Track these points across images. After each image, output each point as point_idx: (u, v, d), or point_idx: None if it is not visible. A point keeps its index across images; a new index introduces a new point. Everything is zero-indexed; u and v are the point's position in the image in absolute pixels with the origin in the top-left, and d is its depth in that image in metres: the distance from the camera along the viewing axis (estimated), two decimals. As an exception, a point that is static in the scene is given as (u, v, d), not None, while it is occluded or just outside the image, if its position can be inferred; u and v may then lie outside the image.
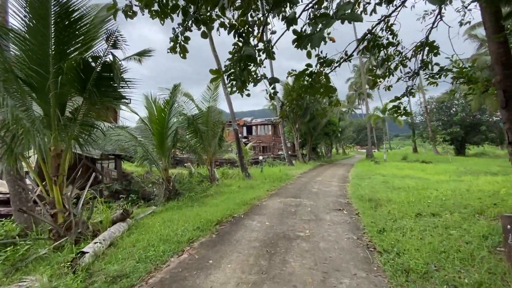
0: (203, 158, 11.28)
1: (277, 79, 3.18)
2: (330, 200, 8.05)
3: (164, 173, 8.07)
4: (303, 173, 15.91)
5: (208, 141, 11.05)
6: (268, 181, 11.53)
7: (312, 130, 24.63)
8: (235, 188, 9.82)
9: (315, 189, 9.97)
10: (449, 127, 31.00)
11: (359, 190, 9.34)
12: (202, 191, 8.67)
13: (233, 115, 12.57)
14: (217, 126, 11.34)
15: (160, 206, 7.39)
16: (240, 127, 35.75)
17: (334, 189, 10.11)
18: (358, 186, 10.28)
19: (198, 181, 11.04)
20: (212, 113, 11.12)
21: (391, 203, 7.14)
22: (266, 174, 13.21)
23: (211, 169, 11.16)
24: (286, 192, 9.34)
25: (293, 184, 11.50)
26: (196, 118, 10.60)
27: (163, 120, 7.55)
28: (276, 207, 7.04)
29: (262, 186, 10.41)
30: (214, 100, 11.05)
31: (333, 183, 11.61)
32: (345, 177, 13.76)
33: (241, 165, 12.43)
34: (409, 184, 9.71)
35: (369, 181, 11.44)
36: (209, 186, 10.02)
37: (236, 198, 7.81)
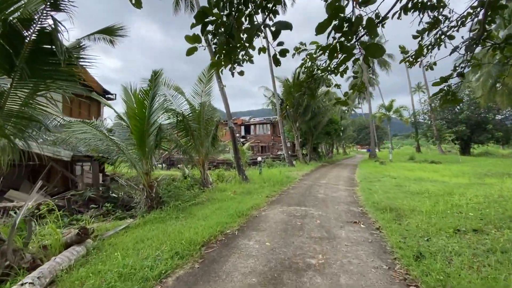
0: (194, 159, 10.06)
1: (288, 23, 1.97)
2: (341, 209, 6.85)
3: (145, 177, 6.84)
4: (305, 175, 14.72)
5: (200, 140, 9.84)
6: (267, 185, 10.32)
7: (313, 129, 23.46)
8: (230, 194, 8.61)
9: (321, 195, 8.77)
10: (454, 125, 29.96)
11: (372, 195, 8.16)
12: (191, 198, 7.45)
13: (228, 112, 11.37)
14: (210, 124, 10.13)
15: (139, 218, 6.16)
16: (238, 127, 34.56)
17: (342, 194, 8.92)
18: (369, 190, 9.10)
19: (188, 186, 9.82)
20: (205, 109, 9.92)
21: (415, 213, 5.96)
22: (265, 177, 12.01)
23: (204, 171, 9.94)
24: (289, 199, 8.14)
25: (295, 188, 10.30)
26: (187, 115, 9.38)
27: (143, 115, 6.32)
28: (278, 219, 5.83)
29: (261, 191, 9.20)
30: (207, 95, 9.83)
31: (340, 187, 10.42)
32: (352, 180, 12.58)
33: (238, 167, 11.23)
34: (429, 189, 8.54)
35: (380, 185, 10.27)
36: (201, 192, 8.80)
37: (230, 207, 6.59)
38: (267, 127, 33.94)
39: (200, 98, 9.68)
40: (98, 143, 6.16)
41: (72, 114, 10.96)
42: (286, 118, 22.43)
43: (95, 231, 4.93)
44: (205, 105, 9.99)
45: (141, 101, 6.16)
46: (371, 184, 10.51)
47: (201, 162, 9.91)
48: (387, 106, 19.97)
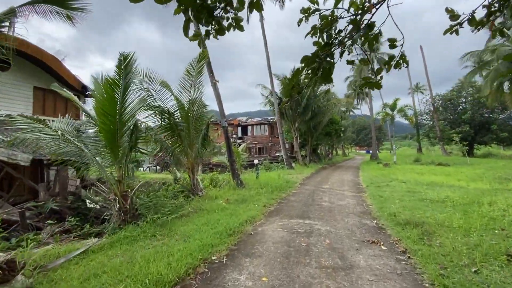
0: (183, 162, 8.91)
1: None
2: (352, 222, 5.75)
3: (117, 186, 5.68)
4: (306, 179, 13.62)
5: (188, 141, 8.70)
6: (265, 191, 9.20)
7: (313, 129, 22.40)
8: (222, 203, 7.47)
9: (326, 203, 7.67)
10: (457, 126, 29.07)
11: (385, 204, 7.09)
12: (175, 210, 6.30)
13: (222, 110, 10.25)
14: (201, 123, 8.99)
15: (106, 236, 5.01)
16: (234, 127, 33.46)
17: (350, 202, 7.82)
18: (380, 198, 8.03)
19: (175, 193, 8.67)
20: (194, 106, 8.79)
21: (445, 229, 4.89)
22: (263, 181, 10.88)
23: (193, 177, 8.80)
24: (290, 209, 7.02)
25: (296, 194, 9.19)
26: (173, 112, 8.25)
27: (113, 111, 5.19)
28: (277, 239, 4.71)
29: (258, 198, 8.08)
30: (197, 90, 8.71)
31: (346, 193, 9.33)
32: (357, 184, 11.50)
33: (232, 170, 10.09)
34: (449, 196, 7.47)
35: (391, 191, 9.21)
36: (188, 201, 7.66)
37: (219, 222, 5.46)
38: (265, 127, 32.85)
39: (188, 94, 8.55)
40: (51, 144, 5.00)
41: (45, 112, 9.78)
42: (285, 118, 21.35)
43: (40, 259, 3.78)
44: (195, 102, 8.87)
45: (110, 94, 5.02)
46: (380, 190, 9.44)
47: (190, 166, 8.77)
48: (391, 105, 18.98)
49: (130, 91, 5.48)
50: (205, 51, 8.28)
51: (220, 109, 10.24)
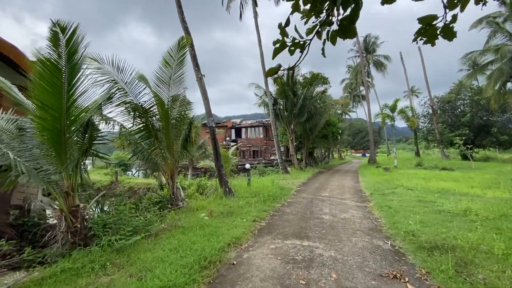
0: (160, 167, 7.69)
1: None
2: (361, 243, 4.61)
3: (65, 200, 4.45)
4: (303, 185, 12.48)
5: (167, 142, 7.51)
6: (256, 200, 8.02)
7: (309, 131, 21.33)
8: (204, 217, 6.27)
9: (327, 216, 6.53)
10: (456, 129, 28.35)
11: (396, 217, 5.99)
12: (142, 228, 5.07)
13: (208, 108, 9.07)
14: (182, 122, 7.81)
15: (42, 268, 3.77)
16: (228, 130, 32.29)
17: (355, 214, 6.69)
18: (389, 209, 6.92)
19: (152, 203, 7.44)
20: (176, 103, 7.63)
21: (483, 255, 3.79)
22: (255, 188, 9.70)
23: (173, 184, 7.57)
24: (284, 225, 5.85)
25: (292, 204, 8.03)
26: (147, 109, 7.05)
27: (56, 103, 3.98)
28: (267, 273, 3.54)
29: (247, 210, 6.89)
30: (178, 84, 7.53)
31: (349, 202, 8.21)
32: (359, 191, 10.40)
33: (219, 176, 8.89)
34: (470, 208, 6.39)
35: (399, 200, 8.12)
36: (163, 214, 6.42)
37: (194, 246, 4.27)
38: (260, 130, 31.75)
39: (168, 89, 7.37)
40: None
41: None
42: (280, 120, 20.26)
43: None
44: (177, 98, 7.70)
45: (48, 80, 3.81)
46: (386, 199, 8.35)
47: (169, 171, 7.55)
48: (391, 106, 18.05)
49: (81, 78, 4.27)
50: (187, 37, 7.12)
51: (207, 107, 9.07)
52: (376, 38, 43.00)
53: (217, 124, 33.31)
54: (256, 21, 17.86)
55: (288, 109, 19.38)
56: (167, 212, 6.96)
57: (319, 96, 20.37)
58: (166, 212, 6.93)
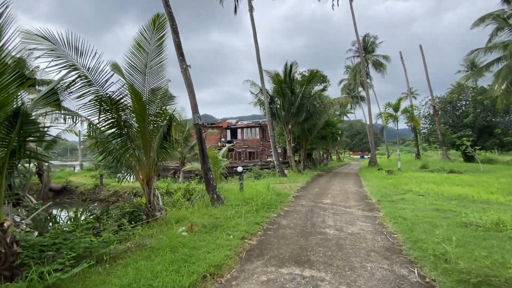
0: (134, 171, 6.53)
1: None
2: (379, 273, 3.51)
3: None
4: (301, 189, 11.37)
5: (144, 142, 6.37)
6: (248, 209, 6.89)
7: (307, 132, 20.26)
8: (181, 232, 5.13)
9: (333, 230, 5.42)
10: (458, 130, 27.49)
11: (415, 232, 4.92)
12: (96, 251, 3.92)
13: (194, 103, 7.93)
14: (161, 118, 6.68)
15: None
16: (223, 130, 31.17)
17: (365, 228, 5.59)
18: (404, 220, 5.86)
19: (122, 215, 6.29)
20: (154, 95, 6.51)
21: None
22: (248, 194, 8.57)
23: (149, 191, 6.42)
24: (280, 243, 4.73)
25: (289, 214, 6.91)
26: (117, 101, 5.91)
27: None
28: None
29: (236, 223, 5.75)
30: (156, 73, 6.42)
31: (355, 211, 7.11)
32: (365, 197, 9.32)
33: (206, 181, 7.74)
34: (503, 219, 5.33)
35: (412, 208, 7.06)
36: (131, 230, 5.25)
37: (157, 278, 3.13)
38: (256, 131, 30.65)
39: (143, 78, 6.24)
40: None
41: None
42: (277, 120, 19.16)
43: None
44: (158, 91, 6.59)
45: None
46: (397, 207, 7.27)
47: (144, 175, 6.40)
48: (394, 105, 17.05)
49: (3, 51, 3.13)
50: (164, 15, 5.99)
51: (192, 102, 7.93)
52: (375, 38, 42.27)
53: (212, 124, 32.18)
54: (251, 14, 16.83)
55: (285, 108, 18.30)
56: (141, 225, 5.81)
57: (318, 94, 19.33)
58: (140, 224, 5.79)
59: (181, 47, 8.13)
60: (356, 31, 26.35)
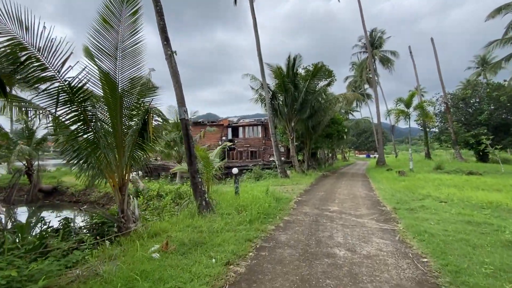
0: (105, 174, 5.48)
1: None
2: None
3: None
4: (305, 193, 10.25)
5: (116, 140, 5.34)
6: (240, 220, 5.80)
7: (312, 130, 19.07)
8: (155, 251, 4.08)
9: (343, 251, 4.30)
10: (472, 128, 25.94)
11: (455, 259, 3.77)
12: (24, 285, 2.89)
13: (180, 94, 6.83)
14: (138, 111, 5.62)
15: None
16: (224, 129, 30.13)
17: (383, 247, 4.46)
18: (431, 237, 4.73)
19: (89, 227, 5.27)
20: (126, 84, 5.47)
21: None
22: (243, 200, 7.47)
23: (122, 198, 5.37)
24: (275, 273, 3.63)
25: (290, 227, 5.81)
26: (78, 89, 4.85)
27: None
28: None
29: (223, 239, 4.68)
30: (131, 57, 5.38)
31: (368, 222, 5.97)
32: (377, 203, 8.16)
33: (194, 186, 6.66)
34: None
35: (436, 219, 5.91)
36: (85, 250, 4.20)
37: None
38: (258, 129, 29.51)
39: (113, 62, 5.19)
40: None
41: None
42: (279, 117, 18.00)
43: None
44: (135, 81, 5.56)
45: None
46: (418, 217, 6.11)
47: (115, 180, 5.36)
48: (406, 100, 15.77)
49: None
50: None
51: (178, 93, 6.85)
52: (383, 33, 40.78)
53: (212, 122, 31.14)
54: (251, 2, 15.67)
55: (288, 104, 17.13)
56: (110, 240, 4.78)
57: (323, 89, 18.13)
58: (109, 239, 4.75)
59: (166, 30, 7.05)
60: (363, 23, 24.99)
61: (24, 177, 16.54)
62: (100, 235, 5.15)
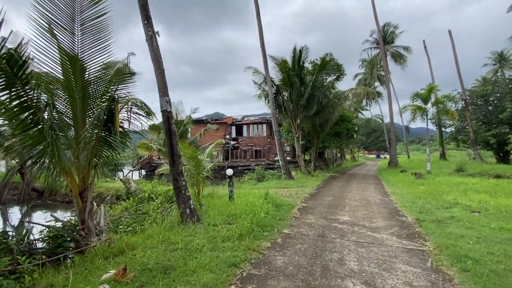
0: (65, 175, 4.49)
1: None
2: None
3: None
4: (310, 198, 9.09)
5: (78, 135, 4.34)
6: (228, 234, 4.71)
7: (319, 128, 17.83)
8: (107, 280, 3.05)
9: (359, 286, 3.16)
10: (492, 127, 24.11)
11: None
12: None
13: (162, 83, 5.77)
14: (100, 98, 4.60)
15: None
16: (227, 127, 29.14)
17: (414, 281, 3.29)
18: (477, 265, 3.55)
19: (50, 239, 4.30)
20: (90, 64, 4.48)
21: None
22: (238, 206, 6.38)
23: (83, 205, 4.37)
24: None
25: (289, 245, 4.69)
26: (19, 67, 3.84)
27: None
28: None
29: (199, 263, 3.61)
30: (92, 30, 4.38)
31: (388, 239, 4.79)
32: (395, 212, 6.94)
33: (176, 191, 5.61)
34: None
35: (476, 237, 4.70)
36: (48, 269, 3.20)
37: None
38: (263, 127, 28.42)
39: (69, 37, 4.19)
40: None
41: None
42: (283, 113, 16.82)
43: None
44: (108, 65, 4.57)
45: None
46: (451, 234, 4.90)
47: (74, 183, 4.36)
48: (423, 95, 14.29)
49: None
50: None
51: (160, 81, 5.81)
52: (395, 27, 38.92)
53: (216, 120, 30.18)
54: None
55: (293, 100, 15.93)
56: (64, 257, 3.78)
57: (331, 84, 16.87)
58: (65, 256, 3.75)
59: (147, 8, 6.01)
60: (375, 16, 23.50)
61: (17, 175, 15.92)
62: (53, 252, 4.16)
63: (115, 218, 7.52)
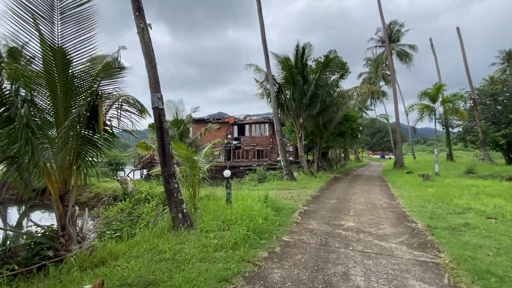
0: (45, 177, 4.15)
1: None
2: None
3: None
4: (313, 200, 8.66)
5: (59, 134, 3.98)
6: (221, 242, 4.32)
7: (322, 127, 17.37)
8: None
9: (367, 308, 2.74)
10: (501, 127, 23.36)
11: None
12: None
13: (154, 78, 5.40)
14: (85, 93, 4.24)
15: None
16: (230, 126, 28.77)
17: (431, 303, 2.85)
18: (501, 283, 3.04)
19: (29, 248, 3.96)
20: (72, 56, 4.13)
21: None
22: (235, 210, 5.99)
23: (64, 210, 4.03)
24: None
25: (288, 255, 4.28)
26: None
27: None
28: None
29: (186, 277, 3.23)
30: (73, 19, 4.03)
31: (398, 250, 4.35)
32: (403, 217, 6.48)
33: (168, 193, 5.23)
34: None
35: (496, 247, 4.27)
36: None
37: None
38: (265, 127, 27.98)
39: (48, 26, 3.85)
40: None
41: None
42: (286, 112, 16.38)
43: None
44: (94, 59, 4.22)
45: None
46: (467, 242, 4.45)
47: (55, 186, 4.02)
48: (431, 93, 13.72)
49: None
50: None
51: (151, 76, 5.44)
52: (401, 26, 38.16)
53: (218, 120, 29.84)
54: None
55: (296, 98, 15.49)
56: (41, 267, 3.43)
57: (335, 82, 16.39)
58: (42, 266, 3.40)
59: None
60: (381, 13, 22.93)
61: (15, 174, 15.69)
62: (29, 261, 3.81)
63: (107, 222, 7.18)
